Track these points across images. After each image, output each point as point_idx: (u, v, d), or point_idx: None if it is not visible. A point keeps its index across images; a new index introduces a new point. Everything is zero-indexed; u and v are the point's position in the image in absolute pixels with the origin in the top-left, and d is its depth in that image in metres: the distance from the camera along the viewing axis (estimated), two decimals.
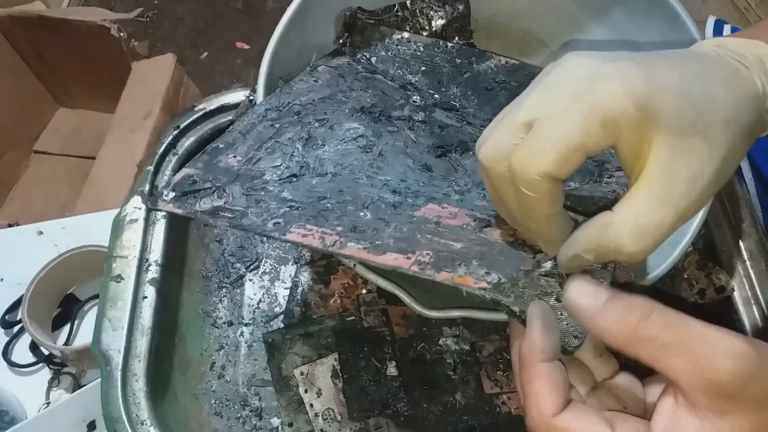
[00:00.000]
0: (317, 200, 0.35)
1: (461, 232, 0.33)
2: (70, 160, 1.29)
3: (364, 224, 0.33)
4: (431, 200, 0.35)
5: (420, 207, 0.35)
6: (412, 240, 0.32)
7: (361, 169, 0.38)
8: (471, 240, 0.33)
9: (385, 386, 0.47)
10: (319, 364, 0.48)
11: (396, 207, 0.35)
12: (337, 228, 0.33)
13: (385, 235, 0.33)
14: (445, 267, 0.31)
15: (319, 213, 0.34)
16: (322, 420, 0.46)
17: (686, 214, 0.25)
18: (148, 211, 0.56)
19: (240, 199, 0.35)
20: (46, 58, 1.23)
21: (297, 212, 0.34)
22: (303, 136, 0.40)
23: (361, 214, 0.34)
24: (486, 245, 0.32)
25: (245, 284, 0.60)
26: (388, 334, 0.49)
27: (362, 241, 0.32)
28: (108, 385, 0.48)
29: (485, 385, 0.48)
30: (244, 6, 1.80)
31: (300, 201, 0.35)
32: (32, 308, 0.71)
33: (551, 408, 0.26)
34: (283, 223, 0.33)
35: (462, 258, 0.31)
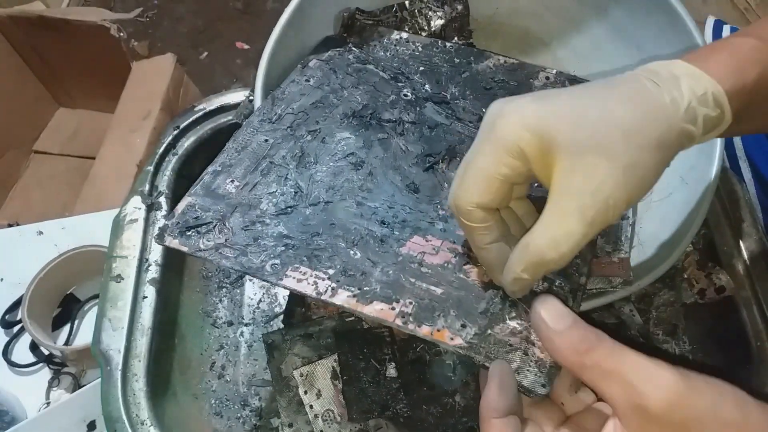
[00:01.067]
0: (310, 237, 0.38)
1: (442, 273, 0.37)
2: (70, 160, 1.29)
3: (353, 266, 0.37)
4: (416, 232, 0.39)
5: (405, 242, 0.38)
6: (396, 285, 0.36)
7: (351, 194, 0.41)
8: (450, 283, 0.36)
9: (385, 387, 0.47)
10: (319, 365, 0.48)
11: (383, 242, 0.38)
12: (329, 271, 0.37)
13: (373, 279, 0.36)
14: (426, 320, 0.34)
15: (313, 253, 0.37)
16: (321, 421, 0.46)
17: (597, 221, 0.28)
18: (148, 211, 0.56)
19: (240, 235, 0.38)
20: (46, 57, 1.23)
21: (292, 252, 0.37)
22: (296, 153, 0.43)
23: (351, 253, 0.38)
24: (464, 288, 0.36)
25: (245, 284, 0.60)
26: (387, 335, 0.49)
27: (352, 287, 0.36)
28: (108, 385, 0.48)
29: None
30: (244, 6, 1.80)
31: (294, 237, 0.38)
32: (32, 308, 0.71)
33: None
34: (280, 265, 0.37)
35: (441, 307, 0.35)
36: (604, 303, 0.43)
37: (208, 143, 0.62)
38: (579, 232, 0.28)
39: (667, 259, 0.45)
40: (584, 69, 0.59)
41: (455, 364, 0.49)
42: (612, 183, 0.28)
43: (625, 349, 0.28)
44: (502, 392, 0.30)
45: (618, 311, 0.53)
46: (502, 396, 0.30)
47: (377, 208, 0.40)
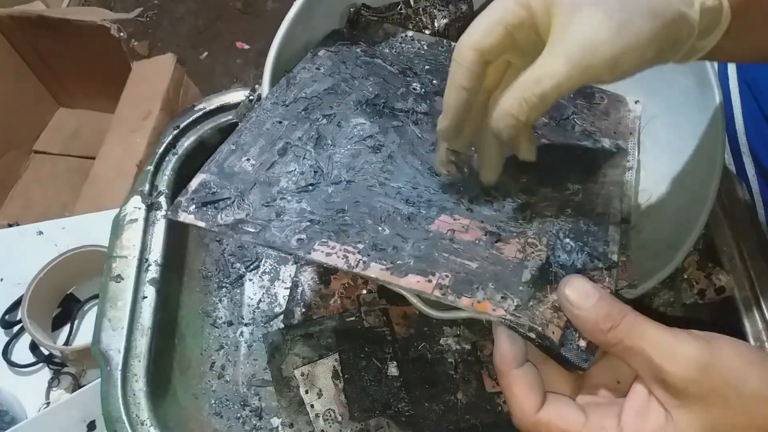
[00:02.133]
0: (336, 213, 0.36)
1: (475, 249, 0.35)
2: (70, 159, 1.29)
3: (383, 241, 0.35)
4: (443, 211, 0.38)
5: (433, 219, 0.37)
6: (430, 259, 0.34)
7: (373, 175, 0.40)
8: (485, 258, 0.35)
9: (386, 386, 0.47)
10: (320, 364, 0.48)
11: (411, 219, 0.37)
12: (358, 245, 0.35)
13: (405, 253, 0.35)
14: (465, 291, 0.33)
15: (340, 228, 0.36)
16: (322, 420, 0.46)
17: (582, 65, 0.29)
18: (148, 210, 0.56)
19: (261, 211, 0.36)
20: (46, 58, 1.23)
21: (318, 227, 0.35)
22: (312, 135, 0.42)
23: (379, 229, 0.36)
24: (499, 264, 0.35)
25: (245, 284, 0.60)
26: (388, 334, 0.49)
27: (384, 261, 0.34)
28: (108, 385, 0.48)
29: (487, 384, 0.47)
30: (244, 6, 1.80)
31: (319, 214, 0.36)
32: (32, 308, 0.71)
33: (531, 407, 0.30)
34: (306, 240, 0.35)
35: (478, 280, 0.34)
36: None
37: (209, 143, 0.62)
38: (562, 72, 0.29)
39: (669, 263, 0.45)
40: None
41: (457, 362, 0.49)
42: (603, 34, 0.29)
43: (647, 324, 0.29)
44: (514, 343, 0.31)
45: None
46: (514, 346, 0.31)
47: (401, 188, 0.39)
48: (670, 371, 0.27)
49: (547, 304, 0.33)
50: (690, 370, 0.27)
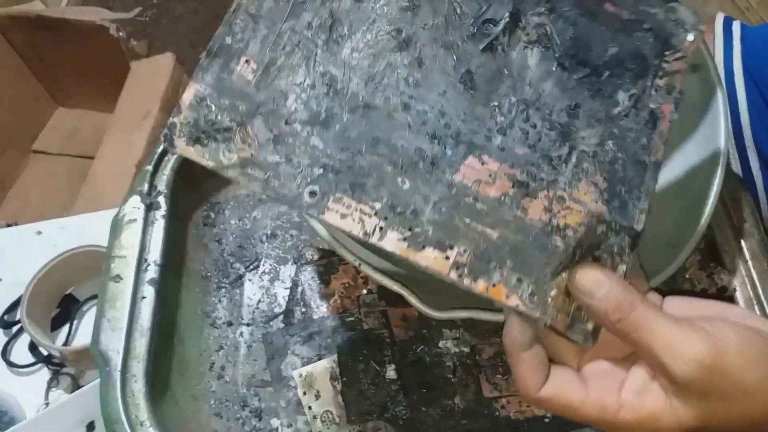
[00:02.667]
0: (351, 156, 0.33)
1: (499, 210, 0.34)
2: (68, 159, 1.29)
3: (402, 200, 0.33)
4: (471, 150, 0.34)
5: (459, 165, 0.34)
6: (450, 227, 0.33)
7: (396, 91, 0.35)
8: (507, 224, 0.34)
9: (384, 389, 0.46)
10: (319, 365, 0.48)
11: (434, 165, 0.34)
12: (375, 205, 0.32)
13: (424, 218, 0.33)
14: (482, 273, 0.32)
15: (356, 180, 0.33)
16: (320, 422, 0.46)
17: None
18: (147, 210, 0.56)
19: (267, 149, 0.32)
20: (44, 57, 1.23)
21: (333, 176, 0.33)
22: (325, 19, 0.35)
23: (399, 181, 0.33)
24: (521, 231, 0.33)
25: (244, 284, 0.60)
26: (387, 336, 0.49)
27: (401, 228, 0.32)
28: (107, 386, 0.48)
29: (484, 389, 0.47)
30: None
31: (333, 156, 0.33)
32: (31, 308, 0.70)
33: (534, 386, 0.32)
34: (320, 195, 0.32)
35: (497, 256, 0.33)
36: None
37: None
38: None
39: (672, 263, 0.45)
40: None
41: (455, 366, 0.48)
42: None
43: (655, 318, 0.30)
44: (524, 327, 0.32)
45: None
46: (524, 331, 0.32)
47: (427, 114, 0.35)
48: (674, 371, 0.28)
49: (561, 288, 0.33)
50: (694, 373, 0.28)
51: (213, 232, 0.63)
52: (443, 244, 0.32)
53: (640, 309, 0.30)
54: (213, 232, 0.63)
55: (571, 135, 0.37)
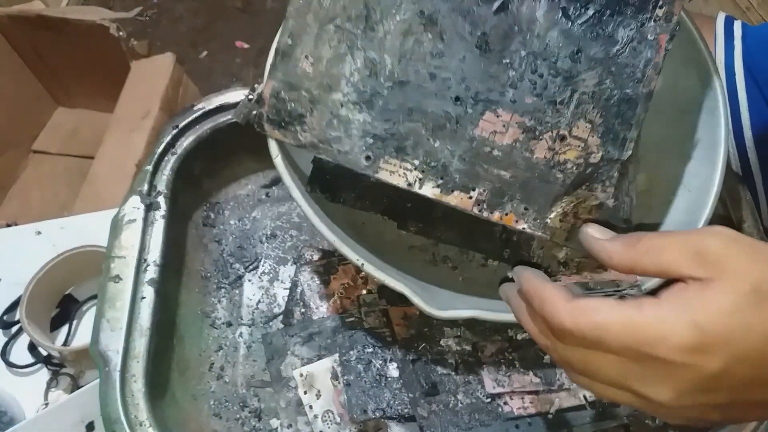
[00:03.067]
0: (393, 126, 0.41)
1: (511, 154, 0.41)
2: (68, 159, 1.29)
3: (435, 155, 0.41)
4: (488, 107, 0.41)
5: (479, 120, 0.41)
6: (472, 173, 0.41)
7: (423, 63, 0.41)
8: (518, 165, 0.40)
9: (386, 387, 0.46)
10: (319, 365, 0.48)
11: (459, 122, 0.41)
12: (414, 162, 0.41)
13: (452, 168, 0.41)
14: (496, 206, 0.41)
15: (399, 145, 0.41)
16: (321, 422, 0.46)
17: None
18: (147, 210, 0.56)
19: (331, 126, 0.40)
20: (44, 57, 1.22)
21: (381, 143, 0.41)
22: (360, 10, 0.41)
23: (431, 142, 0.41)
24: (529, 169, 0.40)
25: (244, 285, 0.60)
26: (388, 335, 0.49)
27: (435, 178, 0.41)
28: (106, 386, 0.48)
29: (487, 385, 0.47)
30: (244, 5, 1.80)
31: (379, 127, 0.41)
32: (30, 309, 0.70)
33: (567, 296, 0.32)
34: (373, 158, 0.40)
35: (509, 191, 0.40)
36: None
37: (208, 142, 0.61)
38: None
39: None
40: None
41: (457, 363, 0.48)
42: None
43: (655, 243, 0.31)
44: (538, 273, 0.36)
45: None
46: (539, 275, 0.35)
47: (450, 81, 0.41)
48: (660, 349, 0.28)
49: (559, 212, 0.40)
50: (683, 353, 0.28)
51: (213, 232, 0.63)
52: (467, 187, 0.41)
53: (646, 238, 0.32)
54: (213, 233, 0.63)
55: (573, 79, 0.42)
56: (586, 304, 0.31)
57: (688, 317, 0.28)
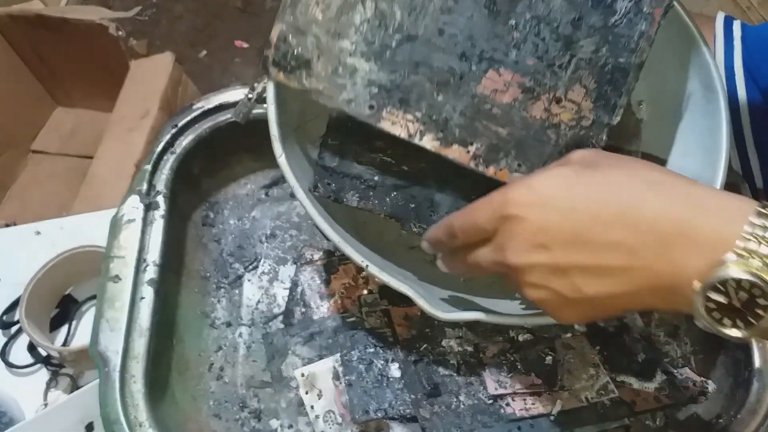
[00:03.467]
0: (399, 77, 0.41)
1: (510, 112, 0.42)
2: (68, 159, 1.29)
3: (437, 109, 0.42)
4: (491, 65, 0.42)
5: (481, 78, 0.42)
6: (471, 128, 0.42)
7: (433, 18, 0.42)
8: (515, 123, 0.42)
9: (388, 388, 0.46)
10: (320, 365, 0.48)
11: (463, 79, 0.42)
12: (416, 114, 0.42)
13: (453, 123, 0.42)
14: (492, 161, 0.42)
15: (403, 96, 0.41)
16: (322, 422, 0.46)
17: None
18: (146, 210, 0.56)
19: (337, 72, 0.40)
20: (44, 56, 1.22)
21: (385, 93, 0.41)
22: None
23: (435, 96, 0.42)
24: (525, 128, 0.42)
25: (244, 285, 0.60)
26: (390, 335, 0.49)
27: (436, 132, 0.42)
28: (106, 387, 0.48)
29: (489, 386, 0.47)
30: (243, 5, 1.79)
31: (385, 78, 0.41)
32: (30, 309, 0.70)
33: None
34: (376, 108, 0.41)
35: (505, 148, 0.42)
36: None
37: (207, 142, 0.61)
38: None
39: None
40: None
41: (459, 364, 0.48)
42: None
43: None
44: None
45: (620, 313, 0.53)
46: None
47: (457, 37, 0.42)
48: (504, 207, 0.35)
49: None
50: (519, 207, 0.34)
51: (212, 232, 0.63)
52: (466, 141, 0.42)
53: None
54: (212, 232, 0.63)
55: (573, 44, 0.44)
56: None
57: (526, 182, 0.34)
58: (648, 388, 0.48)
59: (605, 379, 0.48)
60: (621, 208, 0.31)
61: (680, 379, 0.50)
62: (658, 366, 0.50)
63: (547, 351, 0.49)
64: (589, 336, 0.51)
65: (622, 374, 0.49)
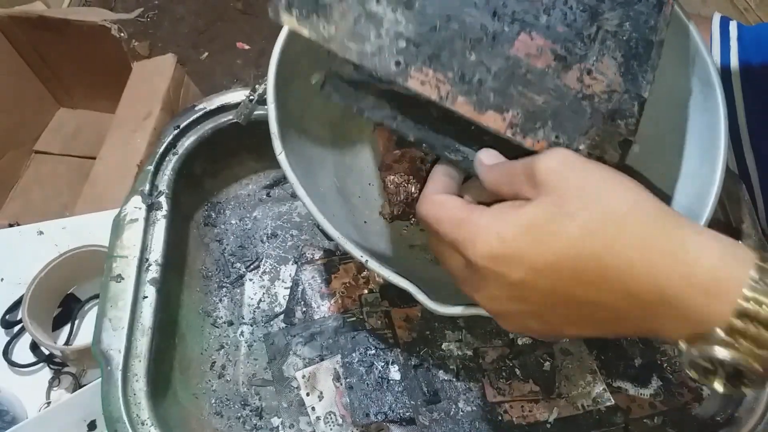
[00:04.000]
0: (428, 31, 0.38)
1: (544, 79, 0.40)
2: (70, 160, 1.29)
3: (470, 70, 0.39)
4: (523, 28, 0.40)
5: (514, 41, 0.40)
6: (506, 94, 0.39)
7: None
8: (550, 91, 0.40)
9: (388, 391, 0.46)
10: (321, 366, 0.48)
11: (495, 39, 0.40)
12: (448, 74, 0.38)
13: (487, 86, 0.39)
14: (529, 131, 0.39)
15: (433, 53, 0.38)
16: (323, 423, 0.46)
17: None
18: (149, 210, 0.56)
19: (359, 24, 0.37)
20: (46, 58, 1.23)
21: (414, 49, 0.38)
22: None
23: (467, 54, 0.39)
24: (560, 98, 0.40)
25: (245, 284, 0.60)
26: (390, 336, 0.49)
27: (469, 95, 0.38)
28: (108, 385, 0.48)
29: (488, 393, 0.47)
30: (245, 6, 1.80)
31: (414, 31, 0.38)
32: (33, 308, 0.71)
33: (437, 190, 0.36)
34: (404, 65, 0.37)
35: (542, 117, 0.40)
36: None
37: (209, 143, 0.62)
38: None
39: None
40: None
41: (458, 369, 0.48)
42: None
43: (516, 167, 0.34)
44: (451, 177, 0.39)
45: None
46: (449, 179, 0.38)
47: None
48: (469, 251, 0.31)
49: (587, 144, 0.39)
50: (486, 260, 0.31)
51: (214, 231, 0.63)
52: (501, 107, 0.39)
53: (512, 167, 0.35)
54: (214, 232, 0.63)
55: (598, 16, 0.43)
56: (441, 198, 0.35)
57: (495, 227, 0.31)
58: (643, 395, 0.49)
59: (602, 386, 0.48)
60: (603, 269, 0.29)
61: (675, 384, 0.50)
62: (655, 371, 0.50)
63: (545, 356, 0.49)
64: (588, 340, 0.51)
65: (619, 380, 0.50)
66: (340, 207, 0.51)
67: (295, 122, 0.49)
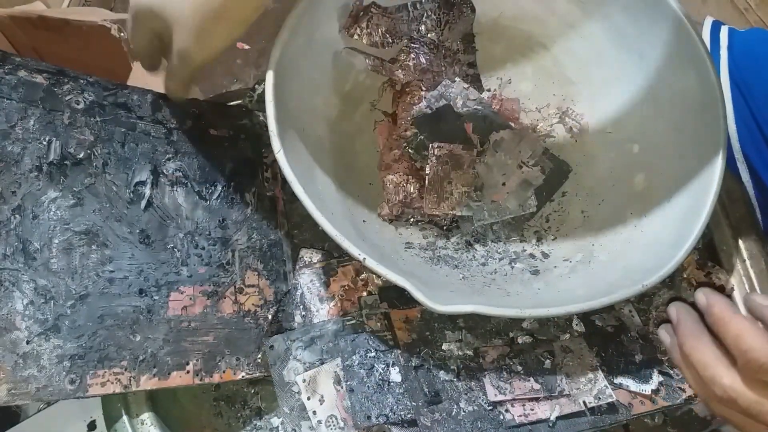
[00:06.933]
0: (88, 339, 0.40)
1: (206, 320, 0.46)
2: None
3: (139, 349, 0.42)
4: (170, 288, 0.45)
5: (167, 303, 0.45)
6: (180, 349, 0.44)
7: (97, 272, 0.42)
8: (214, 326, 0.46)
9: (389, 393, 0.46)
10: (322, 370, 0.48)
11: (151, 312, 0.44)
12: (122, 363, 0.41)
13: (162, 354, 0.43)
14: (214, 369, 0.46)
15: (101, 354, 0.41)
16: (325, 427, 0.46)
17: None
18: None
19: (19, 370, 0.38)
20: (46, 57, 1.23)
21: (81, 361, 0.40)
22: (16, 245, 0.40)
23: (131, 338, 0.43)
24: (226, 326, 0.47)
25: None
26: (390, 338, 0.49)
27: (150, 369, 0.43)
28: None
29: (489, 393, 0.47)
30: None
31: (74, 345, 0.40)
32: None
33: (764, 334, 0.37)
34: (79, 378, 0.39)
35: (218, 351, 0.46)
36: (606, 304, 0.44)
37: None
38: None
39: (670, 262, 0.45)
40: (584, 74, 0.59)
41: (459, 369, 0.48)
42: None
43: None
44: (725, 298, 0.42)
45: (618, 312, 0.53)
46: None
47: (128, 278, 0.44)
48: None
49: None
50: None
51: None
52: (182, 363, 0.44)
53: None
54: None
55: (229, 241, 0.49)
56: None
57: None
58: (645, 391, 0.49)
59: (603, 383, 0.48)
60: None
61: (677, 380, 0.50)
62: (655, 367, 0.51)
63: (546, 354, 0.50)
64: (588, 337, 0.51)
65: (620, 376, 0.50)
66: (339, 206, 0.51)
67: (293, 121, 0.49)
